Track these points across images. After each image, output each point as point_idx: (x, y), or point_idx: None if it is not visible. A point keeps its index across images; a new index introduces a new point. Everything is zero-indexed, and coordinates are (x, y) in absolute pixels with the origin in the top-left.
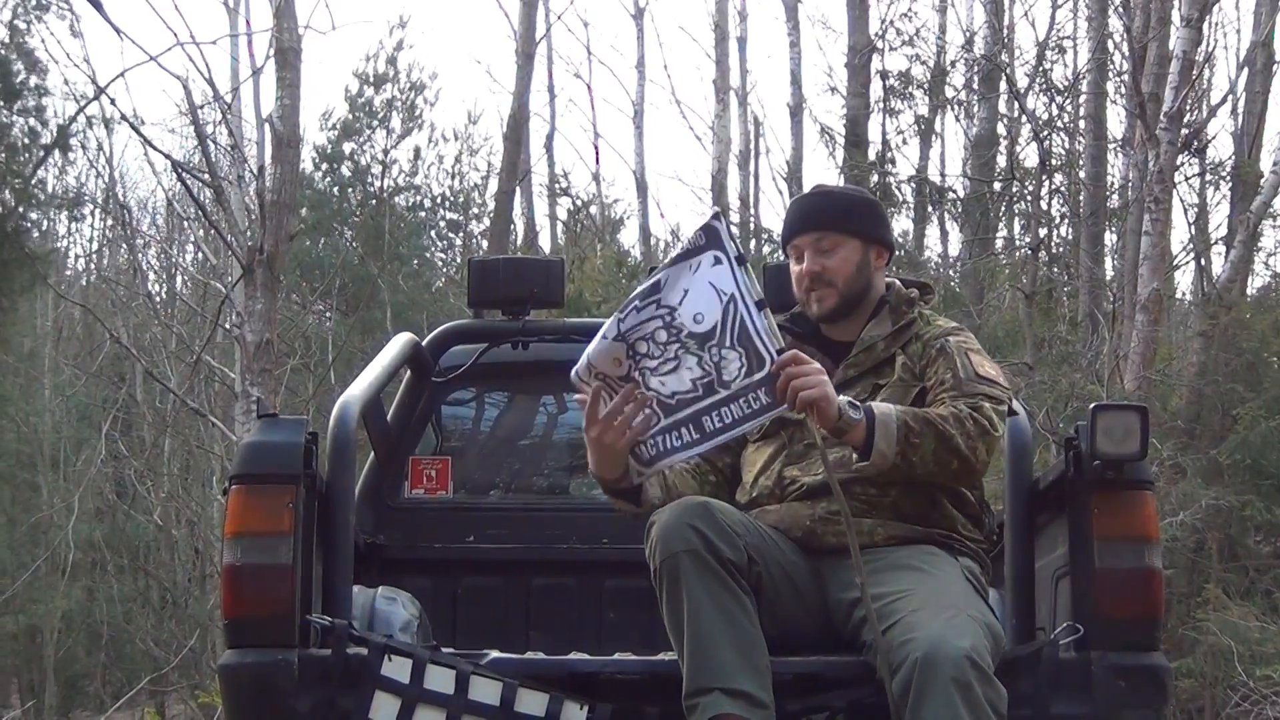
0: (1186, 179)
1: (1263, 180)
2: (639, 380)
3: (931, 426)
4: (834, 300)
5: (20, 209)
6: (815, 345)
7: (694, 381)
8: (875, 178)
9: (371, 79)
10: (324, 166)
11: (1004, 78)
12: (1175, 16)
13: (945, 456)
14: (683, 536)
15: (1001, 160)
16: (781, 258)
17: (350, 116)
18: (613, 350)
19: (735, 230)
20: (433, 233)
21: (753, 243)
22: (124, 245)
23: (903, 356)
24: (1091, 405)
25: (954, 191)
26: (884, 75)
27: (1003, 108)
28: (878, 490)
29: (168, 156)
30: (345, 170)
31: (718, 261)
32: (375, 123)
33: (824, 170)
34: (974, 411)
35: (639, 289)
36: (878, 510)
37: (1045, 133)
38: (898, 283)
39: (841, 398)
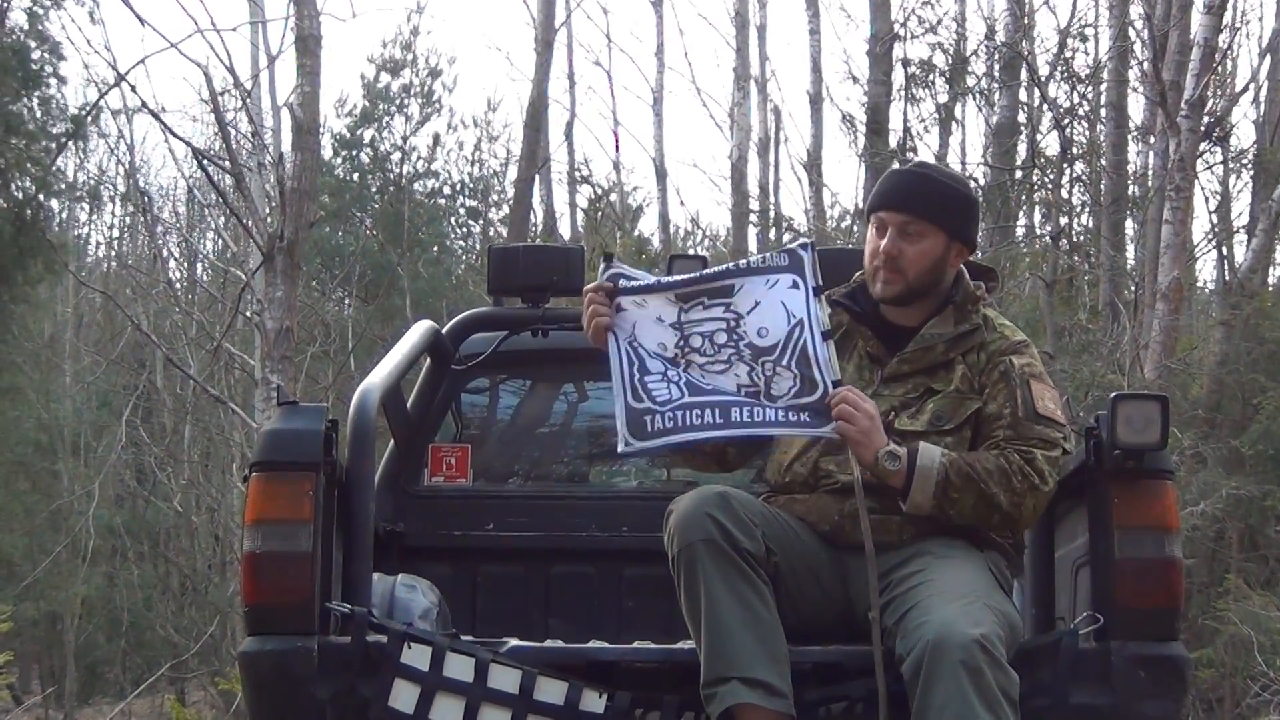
0: (1208, 167)
1: None
2: (681, 365)
3: (973, 483)
4: (899, 287)
5: (40, 196)
6: (871, 326)
7: (739, 387)
8: (895, 166)
9: (389, 65)
10: (343, 153)
11: (1025, 66)
12: (1197, 3)
13: (985, 512)
14: (700, 526)
15: (1022, 148)
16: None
17: (368, 104)
18: (661, 334)
19: (815, 262)
20: (452, 220)
21: (772, 231)
22: (144, 232)
23: (963, 366)
24: (1112, 394)
25: (975, 180)
26: (905, 63)
27: (1024, 96)
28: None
29: (188, 144)
30: (364, 157)
31: (795, 286)
32: (393, 109)
33: (844, 158)
34: (1025, 463)
35: (710, 284)
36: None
37: (1066, 121)
38: (965, 275)
39: (884, 448)
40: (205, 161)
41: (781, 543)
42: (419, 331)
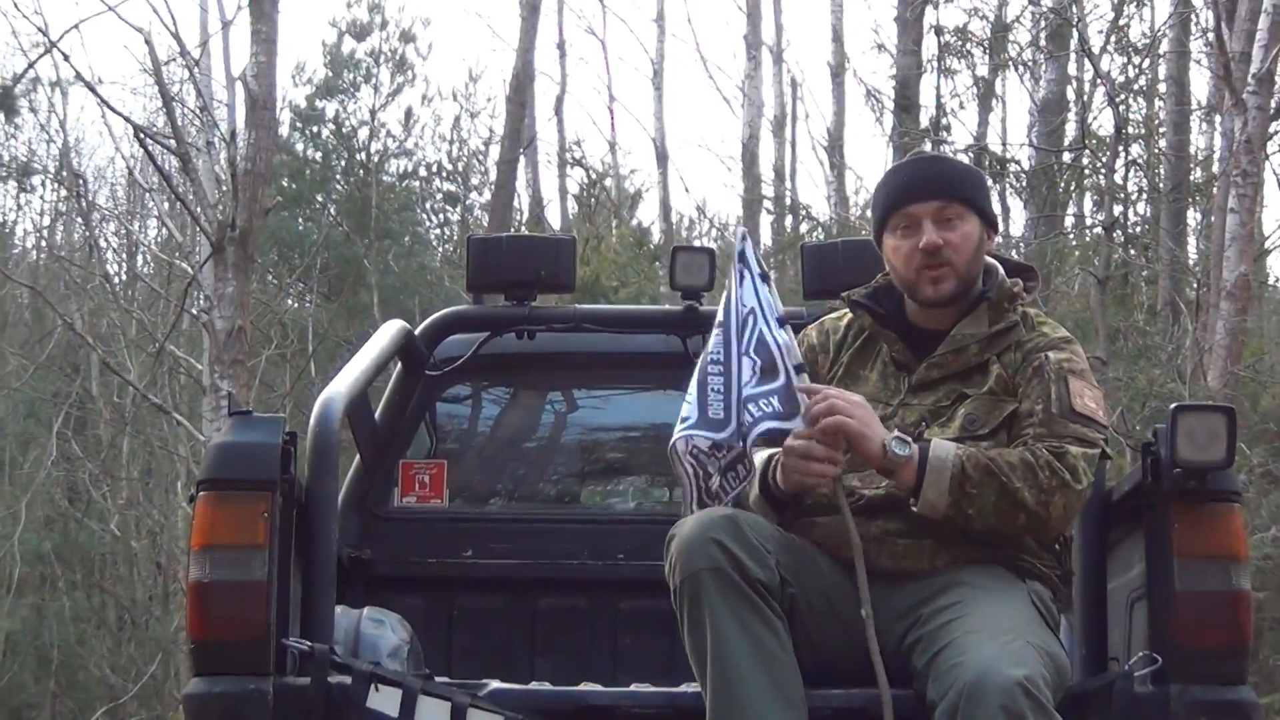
0: None
1: None
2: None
3: (994, 477)
4: (952, 283)
5: None
6: (896, 330)
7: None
8: (928, 147)
9: (354, 28)
10: (301, 129)
11: (1075, 34)
12: None
13: (1009, 511)
14: (706, 553)
15: (1071, 128)
16: (821, 237)
17: (329, 72)
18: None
19: (758, 247)
20: (427, 206)
21: (789, 220)
22: (79, 220)
23: (998, 366)
24: (1172, 405)
25: (1017, 163)
26: (938, 31)
27: (1073, 69)
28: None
29: (128, 120)
30: (326, 134)
31: (741, 278)
32: (359, 79)
33: (870, 138)
34: (1055, 458)
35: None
36: (939, 532)
37: (1121, 97)
38: (1001, 270)
39: (890, 434)
40: (147, 139)
41: (798, 572)
42: (389, 333)
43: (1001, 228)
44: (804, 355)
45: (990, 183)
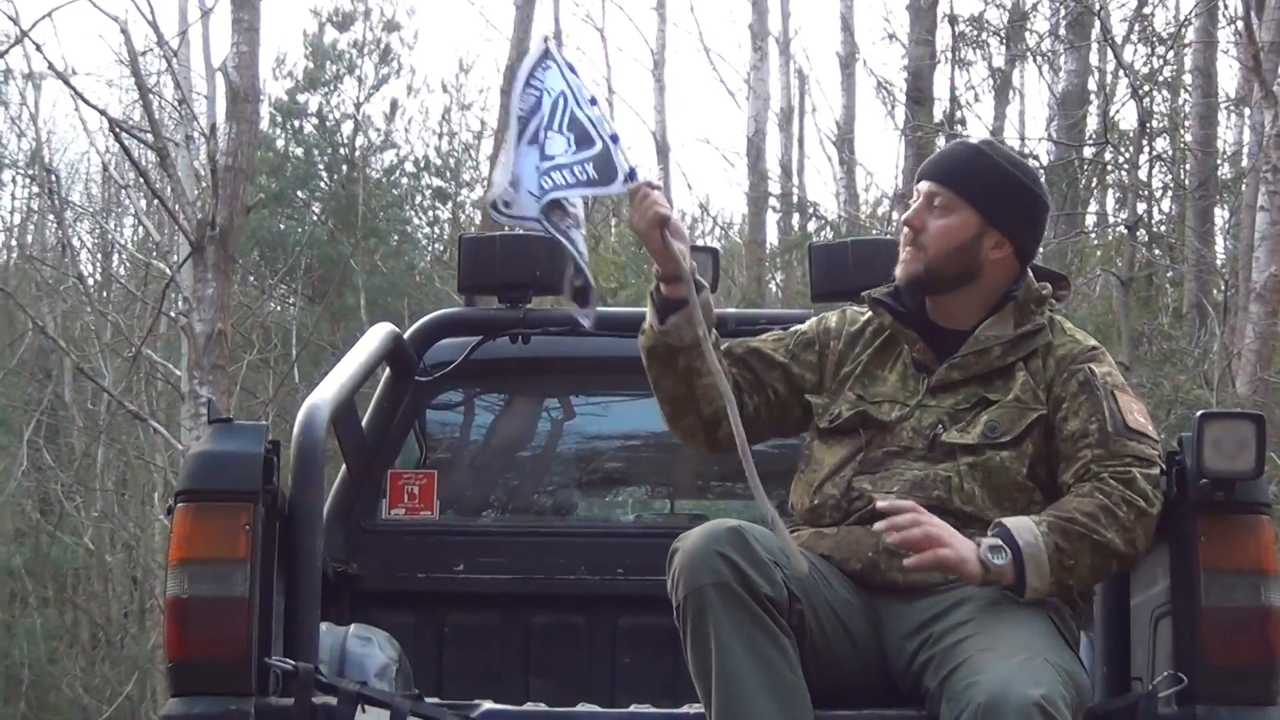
0: None
1: None
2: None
3: (1084, 539)
4: (916, 267)
5: None
6: (917, 329)
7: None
8: (942, 141)
9: (336, 18)
10: (282, 124)
11: (1096, 23)
12: None
13: (1102, 565)
14: (711, 567)
15: (1093, 122)
16: (830, 237)
17: (311, 64)
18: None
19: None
20: (416, 203)
21: (796, 218)
22: (51, 218)
23: (1024, 373)
24: (1198, 413)
25: (1036, 158)
26: (953, 20)
27: (1094, 59)
28: (958, 524)
29: (103, 113)
30: (308, 129)
31: (546, 67)
32: (343, 70)
33: (881, 132)
34: (1125, 487)
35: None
36: None
37: (1145, 89)
38: (1031, 276)
39: (983, 543)
40: (123, 134)
41: (807, 587)
42: (376, 337)
43: None
44: (815, 335)
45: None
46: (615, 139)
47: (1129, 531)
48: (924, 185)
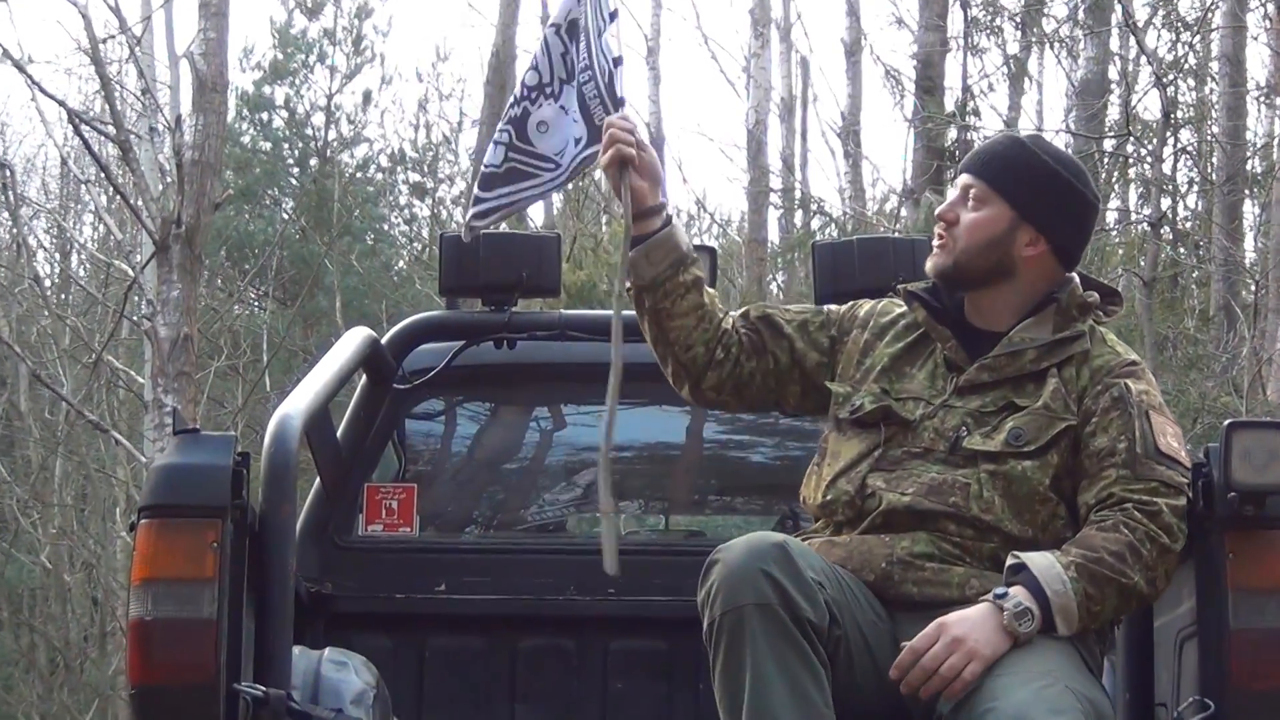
0: None
1: None
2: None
3: (1111, 582)
4: (944, 258)
5: None
6: (950, 326)
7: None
8: (953, 133)
9: (304, 4)
10: (250, 117)
11: (1117, 8)
12: None
13: (1124, 607)
14: (754, 586)
15: (1114, 112)
16: (834, 235)
17: (279, 54)
18: None
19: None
20: (392, 199)
21: (799, 215)
22: (5, 215)
23: (1057, 380)
24: (1226, 422)
25: None
26: (965, 4)
27: (1115, 45)
28: (976, 534)
29: (62, 103)
30: (277, 122)
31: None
32: (313, 60)
33: (889, 124)
34: (1150, 521)
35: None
36: (974, 557)
37: (1169, 77)
38: (1076, 281)
39: (1006, 608)
40: (83, 126)
41: (844, 610)
42: (352, 342)
43: None
44: (840, 317)
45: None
46: (619, 61)
47: (1151, 571)
48: (962, 178)
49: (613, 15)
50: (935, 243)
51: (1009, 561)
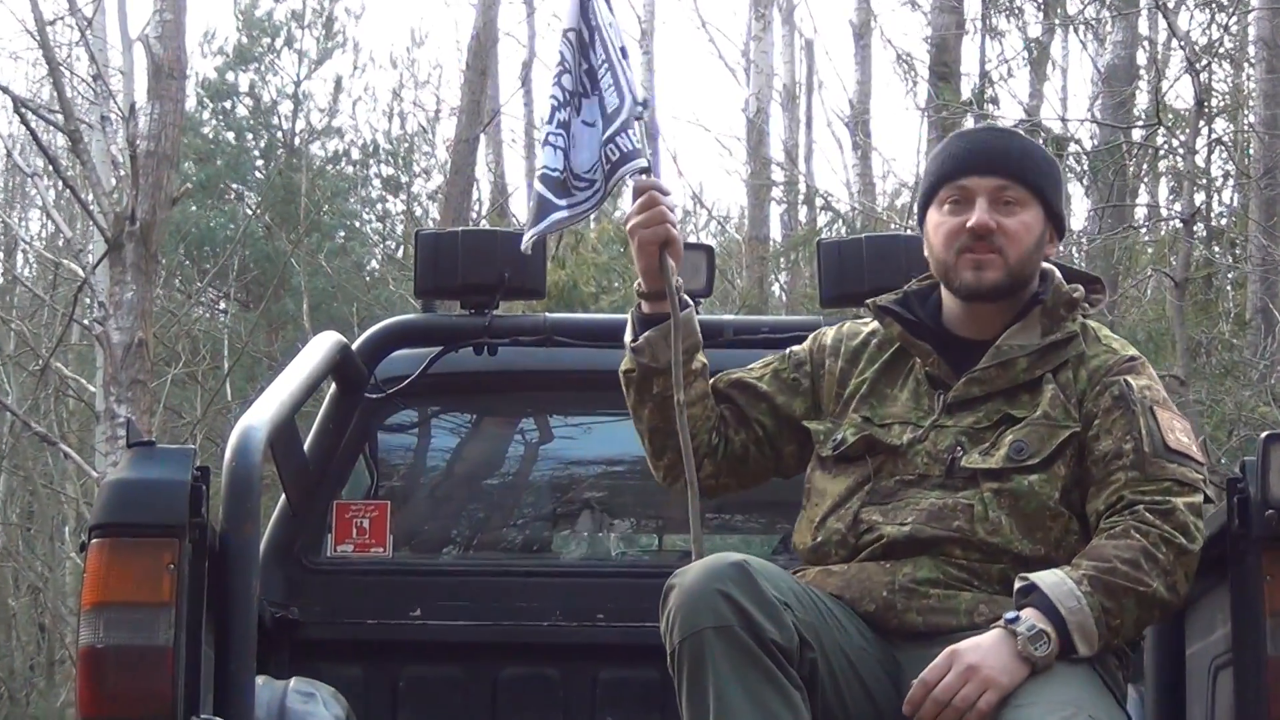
0: None
1: None
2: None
3: (1131, 593)
4: (999, 273)
5: None
6: (933, 341)
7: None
8: (970, 122)
9: None
10: (211, 105)
11: None
12: None
13: (1146, 614)
14: (712, 608)
15: (1143, 100)
16: (842, 232)
17: (244, 38)
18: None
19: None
20: (364, 194)
21: (803, 210)
22: None
23: (1053, 386)
24: (1263, 434)
25: (1078, 142)
26: None
27: (1144, 28)
28: (983, 556)
29: (6, 90)
30: (242, 110)
31: None
32: (279, 45)
33: (900, 113)
34: (1163, 522)
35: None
36: (982, 581)
37: (1203, 62)
38: (1058, 274)
39: (1019, 632)
40: (30, 114)
41: (819, 632)
42: (320, 347)
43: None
44: (808, 354)
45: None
46: (647, 104)
47: (1170, 575)
48: (979, 181)
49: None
50: (975, 256)
51: (1017, 584)
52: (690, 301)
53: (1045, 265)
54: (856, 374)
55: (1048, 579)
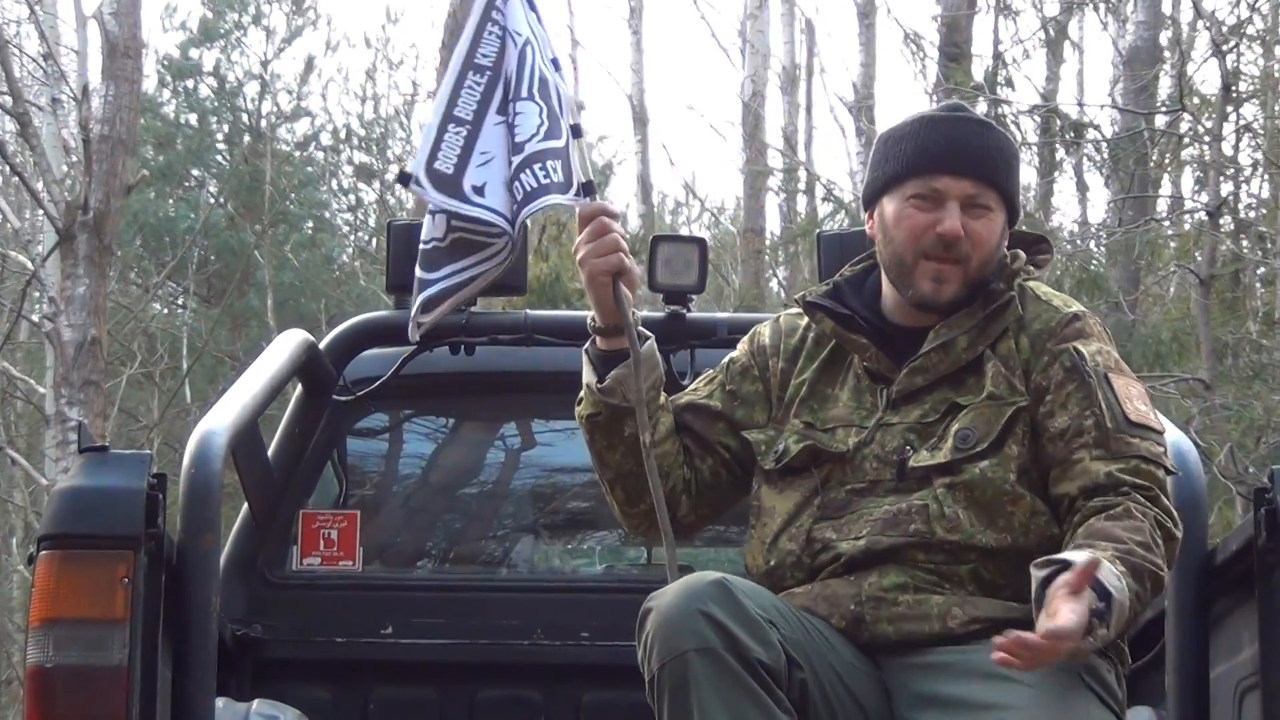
0: None
1: None
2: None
3: (1148, 575)
4: (957, 286)
5: None
6: (870, 335)
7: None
8: (983, 106)
9: None
10: (172, 86)
11: None
12: None
13: (1153, 596)
14: (693, 630)
15: (1166, 84)
16: (844, 224)
17: (208, 13)
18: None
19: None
20: (334, 184)
21: (802, 200)
22: None
23: (994, 361)
24: None
25: (1097, 128)
26: None
27: (1168, 7)
28: (948, 557)
29: None
30: (205, 91)
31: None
32: (246, 21)
33: (908, 96)
34: (1153, 507)
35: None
36: (951, 583)
37: (1230, 44)
38: (1004, 250)
39: (1076, 612)
40: None
41: (808, 650)
42: (286, 346)
43: (1079, 212)
44: (750, 357)
45: (1062, 155)
46: (576, 132)
47: (1164, 559)
48: (951, 182)
49: (554, 61)
50: (936, 266)
51: (1037, 573)
52: (649, 334)
53: None
54: (796, 375)
55: (1080, 558)
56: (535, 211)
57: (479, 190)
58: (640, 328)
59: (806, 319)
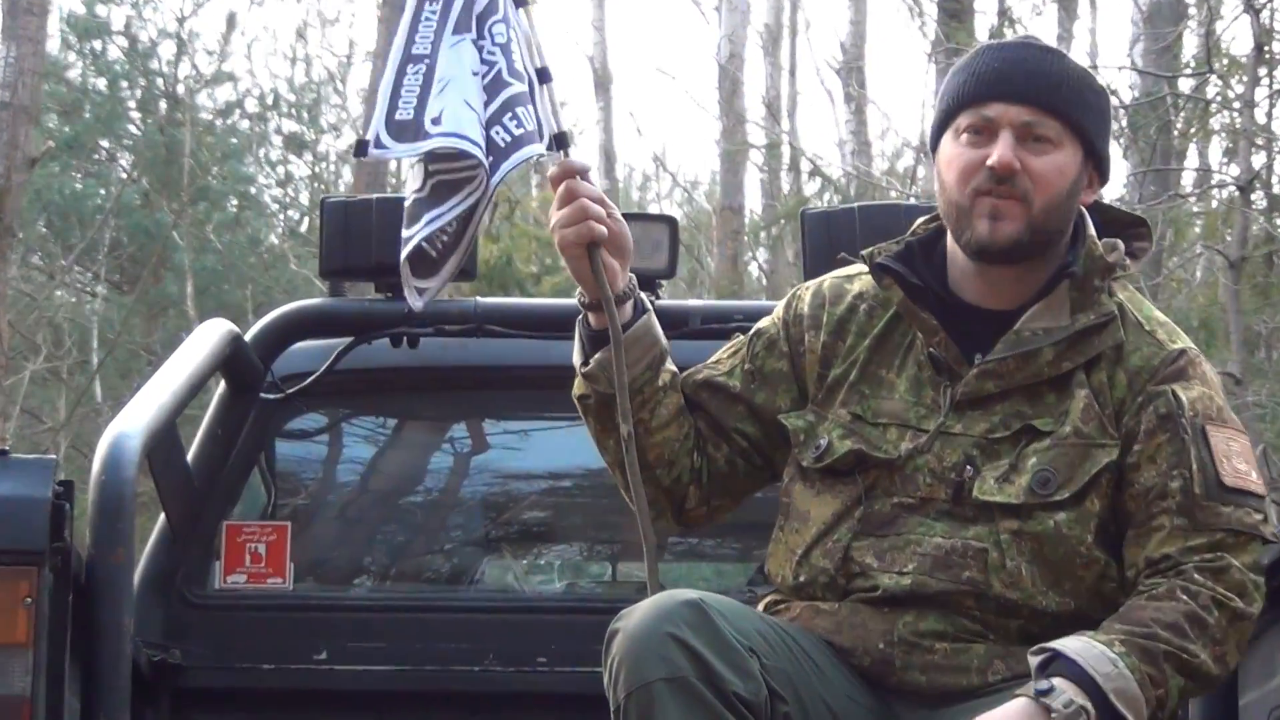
0: None
1: None
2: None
3: (1172, 658)
4: (1018, 225)
5: None
6: (937, 311)
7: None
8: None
9: None
10: (77, 48)
11: None
12: None
13: (1190, 685)
14: (662, 656)
15: (1191, 44)
16: (833, 201)
17: None
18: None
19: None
20: (261, 155)
21: (785, 174)
22: None
23: (1087, 391)
24: None
25: (1114, 93)
26: None
27: None
28: (1000, 610)
29: None
30: (115, 52)
31: None
32: None
33: (903, 59)
34: (1214, 582)
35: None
36: (998, 635)
37: (1262, 2)
38: (1089, 228)
39: (1055, 705)
40: None
41: (794, 680)
42: (208, 339)
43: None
44: (781, 328)
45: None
46: (544, 76)
47: (1220, 645)
48: (1004, 109)
49: None
50: (993, 201)
51: (1033, 659)
52: (649, 306)
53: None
54: (844, 353)
55: (1071, 644)
56: (515, 167)
57: (436, 121)
58: (643, 296)
59: (857, 284)
